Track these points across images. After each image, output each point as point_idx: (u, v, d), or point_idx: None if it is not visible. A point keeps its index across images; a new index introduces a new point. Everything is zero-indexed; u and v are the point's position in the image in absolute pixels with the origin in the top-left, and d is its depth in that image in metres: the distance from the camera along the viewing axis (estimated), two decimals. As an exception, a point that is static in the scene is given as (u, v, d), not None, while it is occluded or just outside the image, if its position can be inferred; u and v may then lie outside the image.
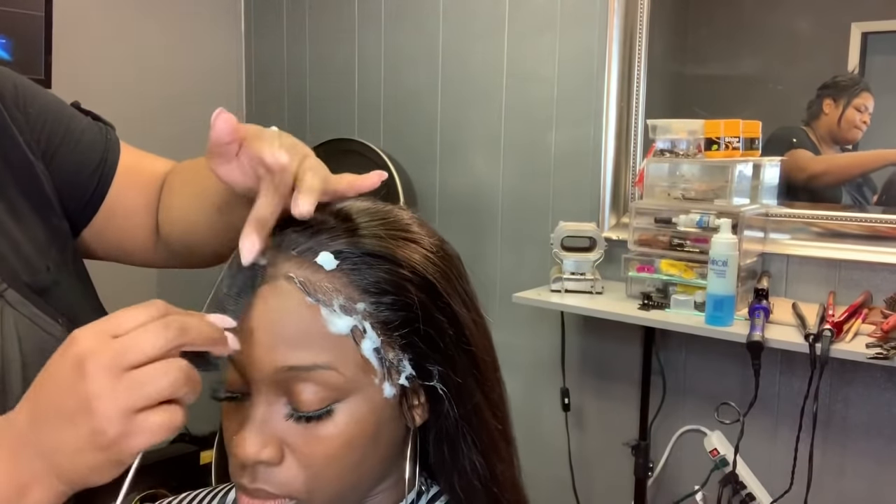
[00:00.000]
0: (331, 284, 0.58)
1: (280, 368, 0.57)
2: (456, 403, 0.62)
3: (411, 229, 0.63)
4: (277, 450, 0.58)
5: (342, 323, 0.57)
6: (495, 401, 0.66)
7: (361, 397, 0.58)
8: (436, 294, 0.61)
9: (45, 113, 0.83)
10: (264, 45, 2.76)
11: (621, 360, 2.04)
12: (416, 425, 0.63)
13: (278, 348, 0.57)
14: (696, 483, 1.86)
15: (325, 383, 0.57)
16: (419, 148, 2.37)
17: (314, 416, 0.57)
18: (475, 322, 0.64)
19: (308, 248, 0.59)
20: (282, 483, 0.58)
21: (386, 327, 0.59)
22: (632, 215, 1.82)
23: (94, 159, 0.85)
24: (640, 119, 1.98)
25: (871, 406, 1.71)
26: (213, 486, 0.78)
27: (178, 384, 0.52)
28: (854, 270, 1.72)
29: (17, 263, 0.76)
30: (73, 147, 0.84)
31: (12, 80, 0.82)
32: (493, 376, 0.66)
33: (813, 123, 1.90)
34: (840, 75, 1.85)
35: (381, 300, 0.58)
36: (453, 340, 0.61)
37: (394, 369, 0.59)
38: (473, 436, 0.63)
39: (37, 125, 0.82)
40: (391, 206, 0.65)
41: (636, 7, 1.95)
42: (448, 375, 0.61)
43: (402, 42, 2.40)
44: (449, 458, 0.64)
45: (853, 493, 1.75)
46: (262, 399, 0.58)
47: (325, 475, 0.59)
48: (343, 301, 0.57)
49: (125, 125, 0.98)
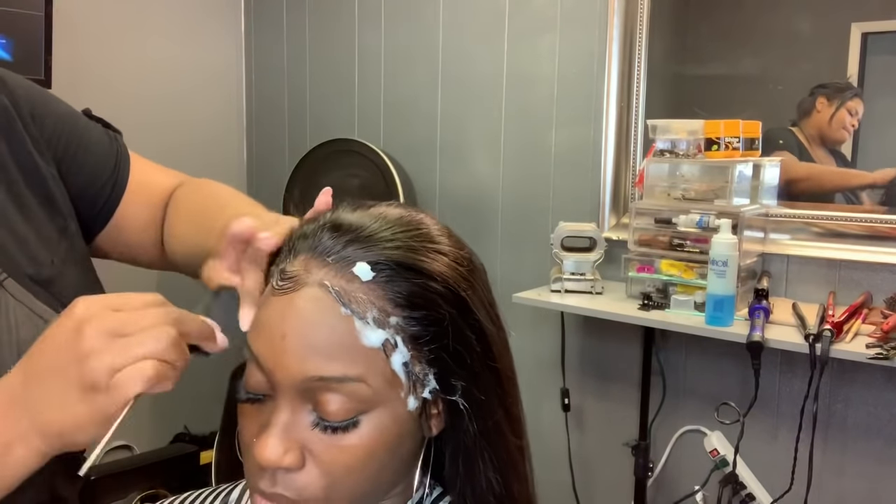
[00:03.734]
0: (365, 296, 0.57)
1: (310, 378, 0.56)
2: (476, 419, 0.61)
3: (442, 241, 0.62)
4: (299, 456, 0.58)
5: (375, 336, 0.57)
6: (516, 416, 0.65)
7: (386, 410, 0.58)
8: (466, 310, 0.60)
9: (60, 124, 0.86)
10: (264, 45, 2.76)
11: (621, 360, 2.04)
12: (432, 435, 0.63)
13: (310, 358, 0.56)
14: (696, 483, 1.86)
15: (353, 395, 0.57)
16: (419, 148, 2.37)
17: (340, 426, 0.57)
18: (500, 337, 0.64)
19: (344, 256, 0.58)
20: (301, 489, 0.58)
21: (416, 341, 0.58)
22: (632, 215, 1.82)
23: (106, 171, 0.89)
24: (640, 119, 1.98)
25: (871, 406, 1.71)
26: (214, 486, 0.78)
27: (167, 350, 0.56)
28: (854, 270, 1.72)
29: (21, 256, 0.77)
30: (86, 158, 0.87)
31: (26, 88, 0.84)
32: (514, 392, 0.66)
33: (803, 122, 1.89)
34: (836, 80, 1.86)
35: (412, 314, 0.58)
36: (480, 357, 0.61)
37: (419, 383, 0.59)
38: (491, 452, 0.63)
39: (53, 136, 0.84)
40: (422, 215, 0.65)
41: (636, 7, 1.95)
42: (471, 391, 0.61)
43: (402, 42, 2.40)
44: (463, 473, 0.63)
45: (853, 493, 1.75)
46: (287, 404, 0.58)
47: (344, 484, 0.58)
48: (377, 314, 0.57)
49: (125, 125, 0.99)
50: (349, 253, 0.58)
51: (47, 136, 0.83)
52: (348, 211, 0.63)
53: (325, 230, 0.60)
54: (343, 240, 0.59)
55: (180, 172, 0.97)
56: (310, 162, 2.46)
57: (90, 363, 0.55)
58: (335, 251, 0.58)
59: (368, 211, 0.63)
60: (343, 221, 0.61)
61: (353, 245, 0.59)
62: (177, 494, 0.78)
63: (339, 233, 0.59)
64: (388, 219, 0.62)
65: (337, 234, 0.59)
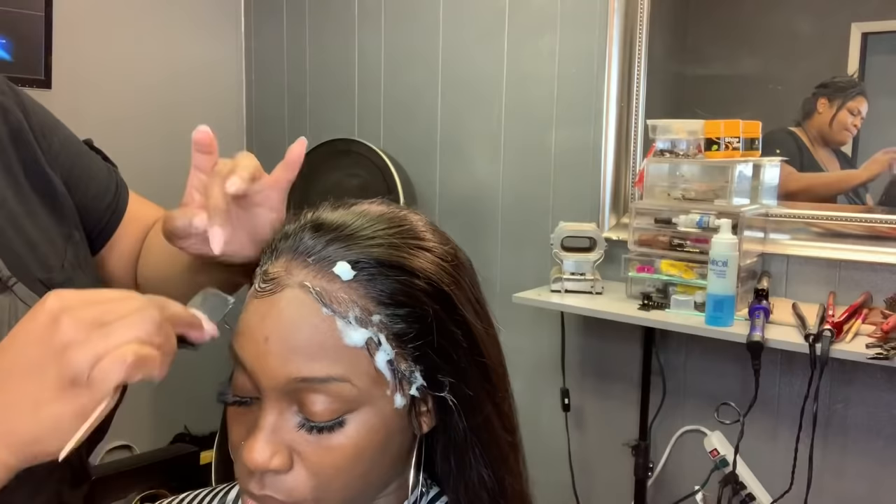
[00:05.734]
0: (346, 295, 0.57)
1: (294, 379, 0.56)
2: (466, 415, 0.61)
3: (426, 237, 0.62)
4: (287, 458, 0.57)
5: (357, 335, 0.57)
6: (506, 412, 0.65)
7: (372, 408, 0.58)
8: (451, 306, 0.60)
9: (67, 144, 0.87)
10: (264, 45, 2.76)
11: (621, 360, 2.04)
12: (422, 432, 0.62)
13: (292, 359, 0.56)
14: (696, 483, 1.86)
15: (337, 395, 0.57)
16: (419, 148, 2.37)
17: (325, 426, 0.57)
18: (487, 333, 0.63)
19: (325, 256, 0.58)
20: (290, 490, 0.58)
21: (400, 339, 0.58)
22: (632, 215, 1.82)
23: (107, 196, 0.91)
24: (640, 119, 1.98)
25: (871, 406, 1.71)
26: (213, 487, 0.78)
27: (152, 333, 0.52)
28: (854, 270, 1.72)
29: (31, 261, 0.78)
30: (89, 182, 0.89)
31: (38, 108, 0.87)
32: (503, 387, 0.65)
33: (805, 122, 1.89)
34: (839, 76, 1.85)
35: (396, 312, 0.58)
36: (466, 352, 0.61)
37: (405, 380, 0.59)
38: (482, 448, 0.62)
39: (60, 154, 0.86)
40: (406, 212, 0.64)
41: (636, 7, 1.95)
42: (459, 387, 0.60)
43: (402, 42, 2.40)
44: (456, 469, 0.63)
45: (853, 494, 1.75)
46: (273, 407, 0.58)
47: (333, 484, 0.58)
48: (358, 313, 0.57)
49: (125, 126, 0.99)
50: (330, 252, 0.58)
51: (54, 153, 0.85)
52: (329, 210, 0.63)
53: (306, 230, 0.60)
54: (324, 239, 0.59)
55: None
56: (310, 162, 2.46)
57: (69, 355, 0.50)
58: (315, 251, 0.58)
59: (350, 209, 0.63)
60: (324, 221, 0.61)
61: (334, 244, 0.58)
62: (176, 494, 0.78)
63: (320, 232, 0.59)
64: (370, 216, 0.61)
65: (318, 233, 0.59)
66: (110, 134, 2.50)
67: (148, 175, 2.60)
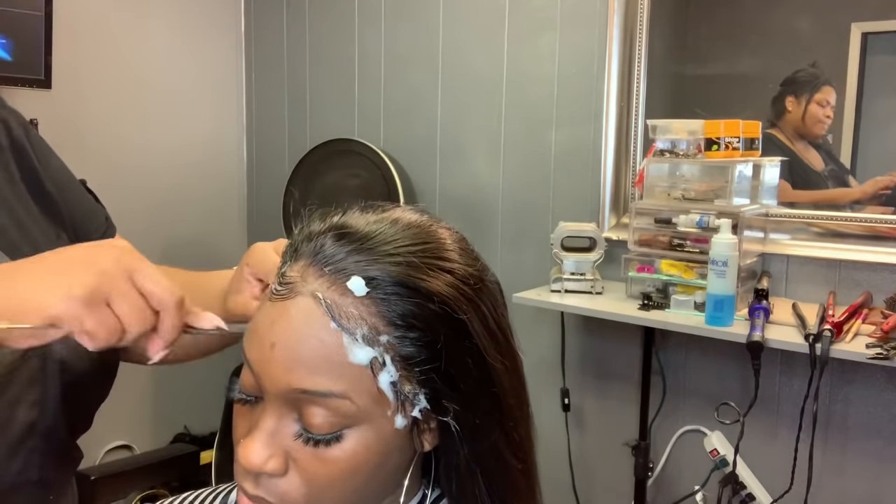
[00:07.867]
0: (357, 311, 0.56)
1: (294, 390, 0.56)
2: (469, 441, 0.60)
3: (451, 257, 0.60)
4: (282, 462, 0.57)
5: (362, 353, 0.56)
6: (517, 440, 0.64)
7: (372, 426, 0.57)
8: (465, 334, 0.58)
9: (62, 171, 0.91)
10: (264, 45, 2.76)
11: (621, 360, 2.04)
12: (424, 450, 0.62)
13: (295, 370, 0.56)
14: (696, 483, 1.87)
15: (337, 410, 0.56)
16: (419, 148, 2.37)
17: (323, 439, 0.56)
18: (504, 364, 0.61)
19: (341, 268, 0.57)
20: (282, 495, 0.58)
21: (407, 361, 0.57)
22: (632, 215, 1.82)
23: (98, 229, 0.93)
24: (640, 119, 1.98)
25: (871, 406, 1.71)
26: (214, 486, 0.78)
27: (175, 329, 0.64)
28: (854, 270, 1.72)
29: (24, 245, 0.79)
30: (83, 212, 0.91)
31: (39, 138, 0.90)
32: (518, 415, 0.64)
33: (780, 122, 1.90)
34: (800, 70, 1.86)
35: (406, 334, 0.56)
36: (476, 382, 0.59)
37: (408, 402, 0.58)
38: (487, 474, 0.61)
39: (55, 178, 0.88)
40: (437, 226, 0.62)
41: (636, 7, 1.95)
42: (465, 414, 0.59)
43: (402, 42, 2.40)
44: (456, 491, 0.62)
45: (853, 493, 1.75)
46: (275, 411, 0.58)
47: (326, 495, 0.58)
48: (367, 331, 0.56)
49: (125, 126, 0.99)
50: (347, 265, 0.57)
51: (51, 173, 0.88)
52: (358, 215, 0.61)
53: (329, 235, 0.59)
54: (344, 249, 0.58)
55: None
56: (310, 162, 2.46)
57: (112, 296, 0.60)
58: (333, 261, 0.57)
59: (380, 216, 0.61)
60: (349, 227, 0.59)
61: (352, 256, 0.57)
62: (177, 494, 0.78)
63: (342, 241, 0.58)
64: (397, 228, 0.60)
65: (339, 242, 0.58)
66: (110, 134, 2.51)
67: (148, 174, 2.61)
